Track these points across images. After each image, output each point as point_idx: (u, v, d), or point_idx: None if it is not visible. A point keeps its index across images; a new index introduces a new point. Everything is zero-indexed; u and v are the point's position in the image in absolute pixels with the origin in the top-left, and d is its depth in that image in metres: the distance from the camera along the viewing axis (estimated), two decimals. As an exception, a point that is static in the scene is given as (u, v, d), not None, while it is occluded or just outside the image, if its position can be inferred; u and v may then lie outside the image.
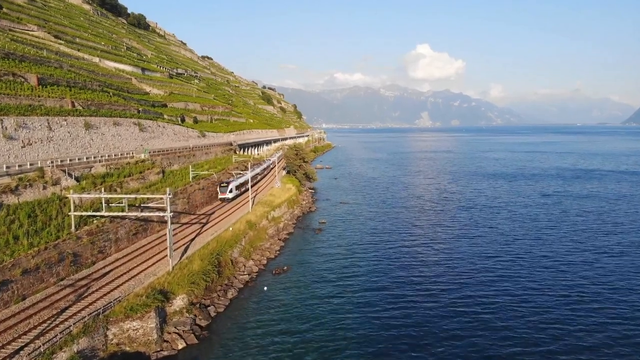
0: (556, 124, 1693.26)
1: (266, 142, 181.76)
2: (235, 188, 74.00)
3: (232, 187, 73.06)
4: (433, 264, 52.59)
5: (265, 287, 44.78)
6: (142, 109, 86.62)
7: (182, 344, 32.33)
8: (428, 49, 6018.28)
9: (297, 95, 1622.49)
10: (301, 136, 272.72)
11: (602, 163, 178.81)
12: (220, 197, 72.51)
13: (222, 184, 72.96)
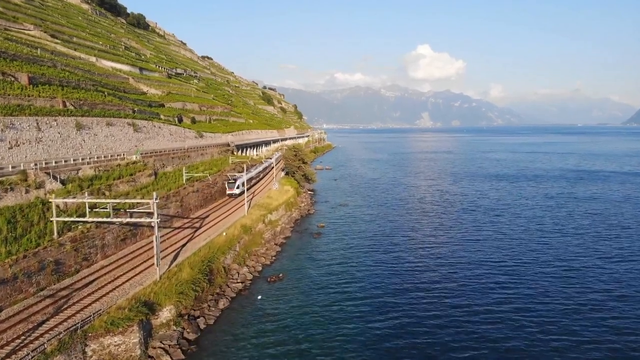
0: (557, 124, 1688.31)
1: (265, 143, 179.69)
2: (242, 185, 77.53)
3: (239, 184, 77.27)
4: (434, 272, 50.52)
5: (259, 296, 42.77)
6: (138, 109, 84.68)
7: (168, 360, 30.34)
8: (428, 49, 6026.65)
9: (298, 95, 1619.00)
10: (301, 136, 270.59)
11: (605, 164, 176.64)
12: (228, 193, 77.53)
13: (230, 181, 78.25)
